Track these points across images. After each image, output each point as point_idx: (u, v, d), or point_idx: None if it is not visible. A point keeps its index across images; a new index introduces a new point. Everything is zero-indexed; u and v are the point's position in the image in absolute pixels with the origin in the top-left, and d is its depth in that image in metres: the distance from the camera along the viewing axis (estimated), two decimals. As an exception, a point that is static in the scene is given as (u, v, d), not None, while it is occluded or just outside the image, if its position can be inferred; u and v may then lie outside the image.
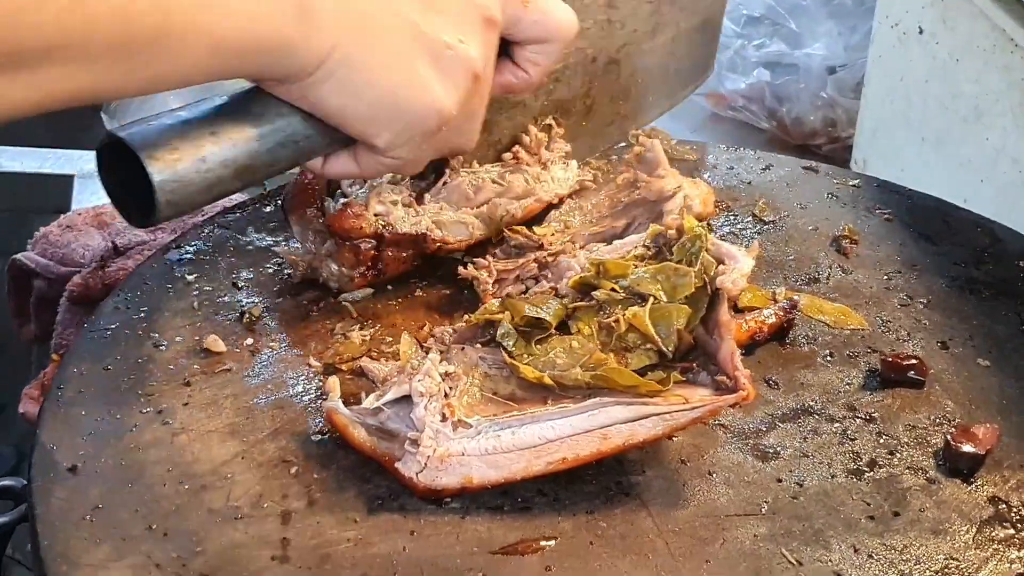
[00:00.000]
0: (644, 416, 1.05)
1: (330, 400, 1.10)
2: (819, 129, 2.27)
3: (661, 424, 1.06)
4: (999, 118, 1.75)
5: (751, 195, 1.59)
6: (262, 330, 1.29)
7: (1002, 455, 1.19)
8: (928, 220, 1.56)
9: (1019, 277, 1.46)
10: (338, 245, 1.31)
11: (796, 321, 1.32)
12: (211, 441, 1.13)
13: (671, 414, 1.05)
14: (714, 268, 1.14)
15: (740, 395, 1.05)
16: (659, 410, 1.05)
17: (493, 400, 1.09)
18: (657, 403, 1.06)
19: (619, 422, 1.05)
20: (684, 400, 1.06)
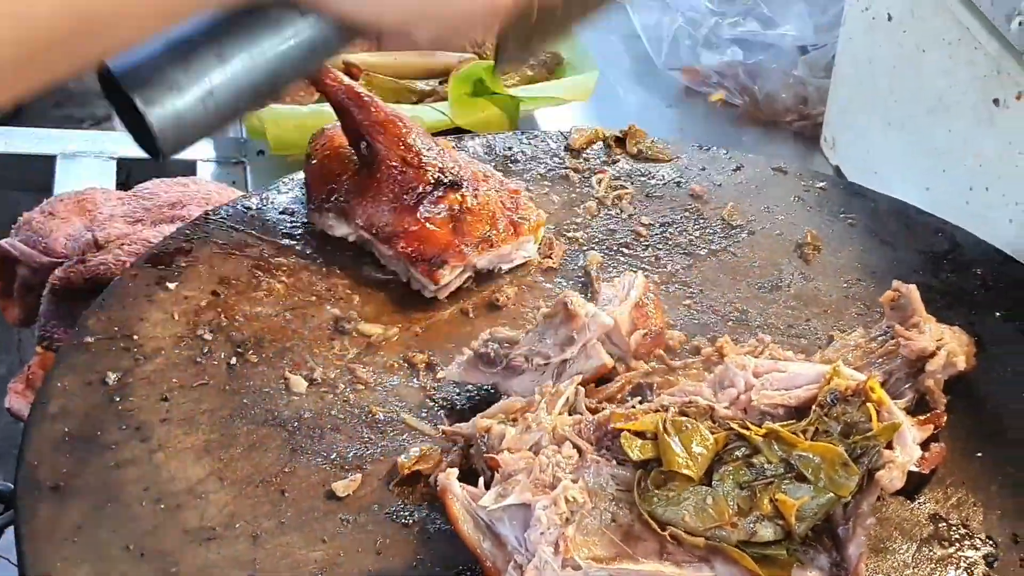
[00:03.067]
0: (751, 604, 1.04)
1: (447, 478, 1.08)
2: (790, 106, 2.29)
3: None
4: (962, 112, 1.77)
5: (721, 198, 1.62)
6: (240, 341, 1.32)
7: (945, 472, 1.24)
8: (890, 225, 1.60)
9: (974, 286, 1.50)
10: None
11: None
12: (187, 459, 1.17)
13: None
14: (878, 456, 1.09)
15: None
16: None
17: (608, 535, 1.05)
18: None
19: None
20: None
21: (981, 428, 1.30)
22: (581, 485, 1.07)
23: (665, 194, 1.63)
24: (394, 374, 1.31)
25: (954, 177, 1.82)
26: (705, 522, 1.06)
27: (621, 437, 1.10)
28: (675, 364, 1.25)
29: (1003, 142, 1.67)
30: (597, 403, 1.20)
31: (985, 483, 1.24)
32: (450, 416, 1.26)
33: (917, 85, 1.91)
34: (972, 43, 1.71)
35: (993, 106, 1.69)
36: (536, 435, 1.12)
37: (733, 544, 1.05)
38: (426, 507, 1.15)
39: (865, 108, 2.09)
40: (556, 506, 1.04)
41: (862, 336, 1.34)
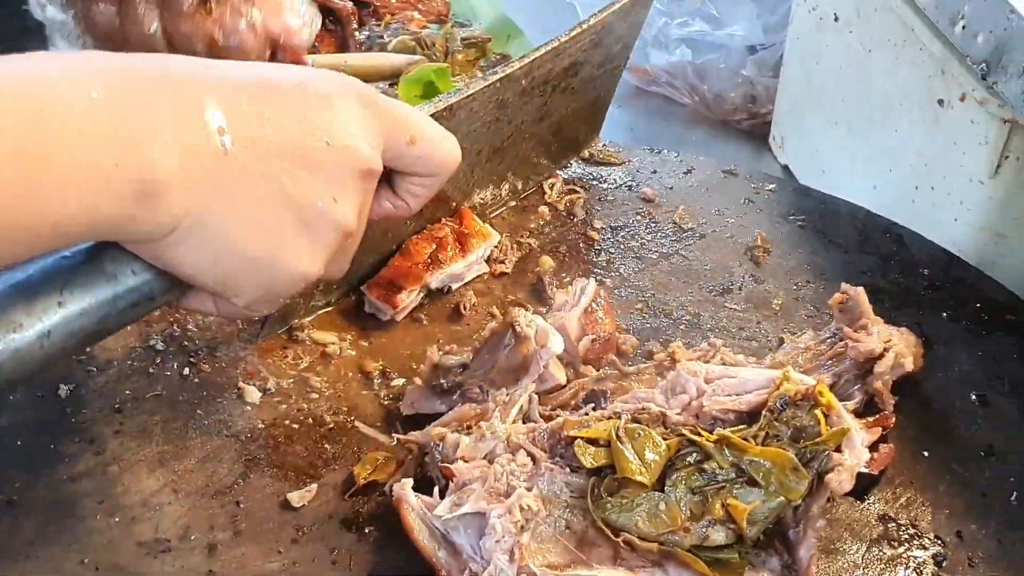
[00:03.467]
0: (706, 607, 1.05)
1: (402, 488, 1.10)
2: (739, 106, 2.31)
3: None
4: (907, 112, 1.80)
5: (672, 201, 1.63)
6: (193, 351, 1.32)
7: (894, 472, 1.25)
8: (838, 226, 1.61)
9: (922, 287, 1.52)
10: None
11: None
12: (141, 471, 1.17)
13: None
14: (827, 460, 1.10)
15: None
16: None
17: (563, 541, 1.06)
18: None
19: None
20: None
21: (928, 428, 1.32)
22: (536, 493, 1.08)
23: (617, 198, 1.63)
24: (348, 383, 1.31)
25: (900, 176, 1.84)
26: (658, 527, 1.07)
27: (575, 445, 1.11)
28: (628, 370, 1.26)
29: (948, 142, 1.69)
30: (550, 411, 1.21)
31: (933, 482, 1.25)
32: (405, 424, 1.26)
33: (863, 85, 1.93)
34: (917, 44, 1.74)
35: (938, 107, 1.71)
36: (490, 444, 1.13)
37: (686, 549, 1.06)
38: (381, 516, 1.15)
39: (813, 108, 2.12)
40: (511, 514, 1.05)
41: (812, 338, 1.36)
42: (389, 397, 1.30)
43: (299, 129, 0.94)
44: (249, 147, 0.91)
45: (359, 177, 0.99)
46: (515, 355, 1.20)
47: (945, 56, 1.65)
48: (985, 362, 1.41)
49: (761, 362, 1.31)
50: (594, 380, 1.25)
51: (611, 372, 1.26)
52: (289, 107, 0.94)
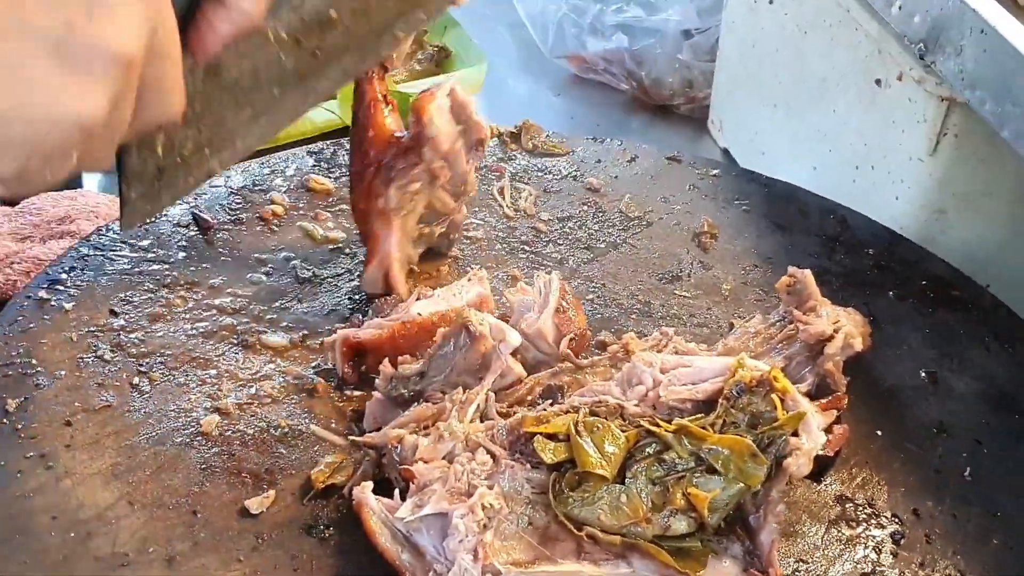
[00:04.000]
0: (670, 597, 1.05)
1: (362, 491, 1.09)
2: (677, 90, 2.31)
3: None
4: (844, 92, 1.81)
5: (618, 190, 1.64)
6: (142, 360, 1.30)
7: (849, 452, 1.27)
8: (783, 209, 1.62)
9: (867, 267, 1.53)
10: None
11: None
12: (95, 484, 1.15)
13: None
14: (784, 444, 1.10)
15: None
16: None
17: (526, 538, 1.06)
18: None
19: None
20: None
21: (880, 407, 1.33)
22: (497, 491, 1.07)
23: (563, 189, 1.63)
24: (301, 386, 1.30)
25: (840, 157, 1.85)
26: (620, 520, 1.07)
27: (534, 441, 1.11)
28: (583, 363, 1.26)
29: (886, 121, 1.71)
30: (507, 407, 1.20)
31: (887, 461, 1.27)
32: (360, 425, 1.25)
33: (800, 67, 1.94)
34: (853, 25, 1.74)
35: (875, 86, 1.72)
36: (449, 444, 1.12)
37: (649, 539, 1.07)
38: (342, 520, 1.14)
39: (750, 90, 2.12)
40: (473, 513, 1.05)
41: (761, 322, 1.37)
42: (343, 399, 1.28)
43: None
44: None
45: None
46: (473, 354, 1.20)
47: (881, 36, 1.66)
48: (933, 339, 1.43)
49: (713, 348, 1.32)
50: (549, 375, 1.25)
51: (566, 366, 1.26)
52: None
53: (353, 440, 1.21)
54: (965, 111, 1.56)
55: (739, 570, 1.08)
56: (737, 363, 1.17)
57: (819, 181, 1.85)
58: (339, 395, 1.29)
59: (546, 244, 1.53)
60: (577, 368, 1.26)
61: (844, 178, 1.83)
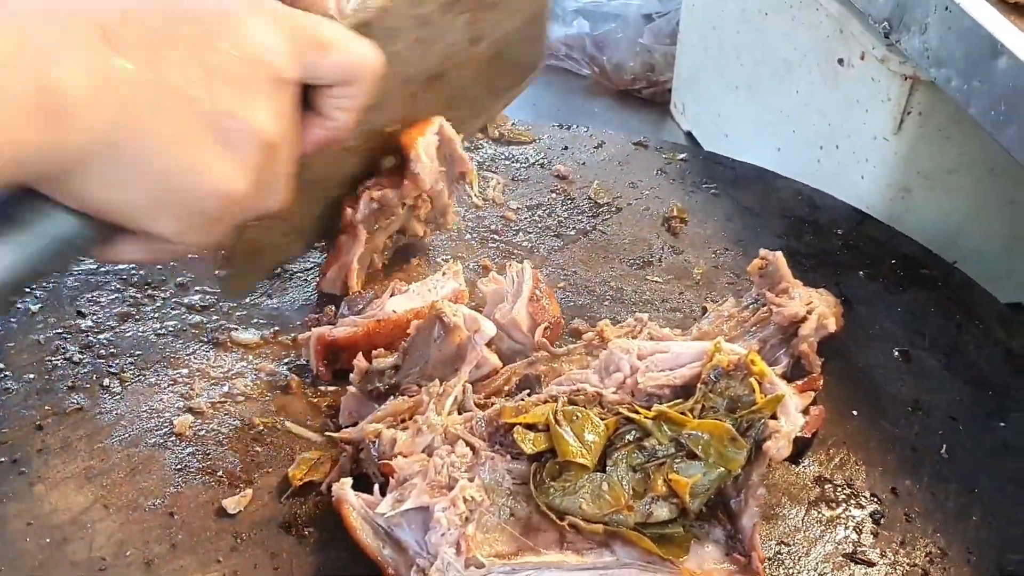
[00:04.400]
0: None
1: (341, 488, 1.07)
2: (639, 74, 2.31)
3: None
4: (807, 73, 1.81)
5: (586, 177, 1.63)
6: (112, 361, 1.28)
7: (826, 433, 1.27)
8: (751, 192, 1.62)
9: (836, 247, 1.53)
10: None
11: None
12: (68, 488, 1.13)
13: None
14: (764, 427, 1.10)
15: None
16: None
17: (508, 529, 1.05)
18: (669, 573, 1.04)
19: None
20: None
21: (855, 387, 1.34)
22: (478, 483, 1.07)
23: (531, 176, 1.63)
24: (274, 383, 1.28)
25: (804, 137, 1.86)
26: (602, 508, 1.07)
27: (514, 431, 1.10)
28: (558, 351, 1.25)
29: (850, 101, 1.71)
30: (484, 399, 1.19)
31: (864, 441, 1.27)
32: (335, 420, 1.24)
33: (762, 48, 1.95)
34: (814, 5, 1.75)
35: (838, 66, 1.72)
36: (428, 437, 1.11)
37: (631, 527, 1.06)
38: (321, 517, 1.13)
39: (712, 73, 2.12)
40: (455, 506, 1.04)
41: (734, 306, 1.37)
42: (317, 394, 1.27)
43: (200, 40, 0.92)
44: (149, 62, 0.88)
45: (271, 85, 0.96)
46: (448, 346, 1.19)
47: (843, 15, 1.66)
48: (904, 318, 1.43)
49: (687, 333, 1.31)
50: (525, 365, 1.24)
51: (541, 355, 1.25)
52: (187, 21, 0.92)
53: (329, 436, 1.20)
54: (929, 89, 1.57)
55: (721, 554, 1.08)
56: (714, 347, 1.17)
57: (783, 162, 1.85)
58: (313, 391, 1.28)
59: (516, 233, 1.53)
60: (553, 357, 1.25)
61: (808, 159, 1.84)
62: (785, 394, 1.14)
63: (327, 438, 1.21)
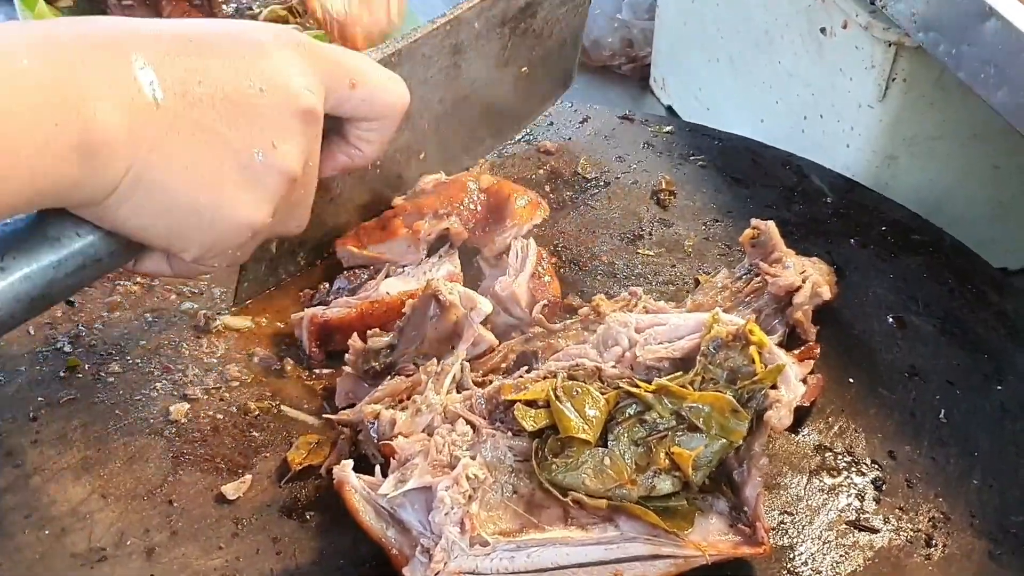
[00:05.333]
0: (659, 557, 1.04)
1: (342, 470, 1.06)
2: (617, 50, 2.30)
3: (674, 567, 1.04)
4: (789, 44, 1.80)
5: (572, 152, 1.62)
6: (103, 350, 1.27)
7: (824, 402, 1.27)
8: (739, 162, 1.62)
9: (826, 215, 1.53)
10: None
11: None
12: (65, 480, 1.12)
13: (686, 559, 1.04)
14: (764, 397, 1.10)
15: (757, 550, 1.05)
16: (675, 553, 1.04)
17: (512, 507, 1.04)
18: (674, 545, 1.04)
19: (634, 558, 1.04)
20: (701, 548, 1.04)
21: (851, 354, 1.33)
22: (480, 461, 1.06)
23: (516, 153, 1.62)
24: (269, 367, 1.27)
25: (788, 108, 1.85)
26: (605, 483, 1.06)
27: (514, 408, 1.09)
28: (554, 327, 1.24)
29: (833, 70, 1.71)
30: (482, 377, 1.19)
31: (863, 408, 1.27)
32: (333, 403, 1.23)
33: (742, 20, 1.93)
34: (794, -26, 1.74)
35: (820, 35, 1.72)
36: (427, 416, 1.10)
37: (634, 501, 1.06)
38: (321, 500, 1.13)
39: (692, 46, 2.11)
40: (458, 485, 1.03)
41: (727, 277, 1.36)
42: (312, 376, 1.26)
43: (231, 76, 0.94)
44: (180, 97, 0.91)
45: (300, 121, 0.99)
46: (444, 324, 1.18)
47: (825, -17, 1.66)
48: (897, 284, 1.43)
49: (681, 306, 1.31)
50: (522, 341, 1.24)
51: (538, 331, 1.24)
52: (218, 56, 0.95)
53: (327, 418, 1.19)
54: (913, 55, 1.56)
55: (726, 526, 1.08)
56: (712, 318, 1.16)
57: (768, 133, 1.84)
58: (308, 374, 1.27)
59: (505, 210, 1.51)
60: (549, 333, 1.24)
61: (793, 129, 1.83)
62: (785, 363, 1.13)
63: (325, 420, 1.20)
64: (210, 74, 0.93)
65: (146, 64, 0.90)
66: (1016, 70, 1.26)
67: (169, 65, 0.91)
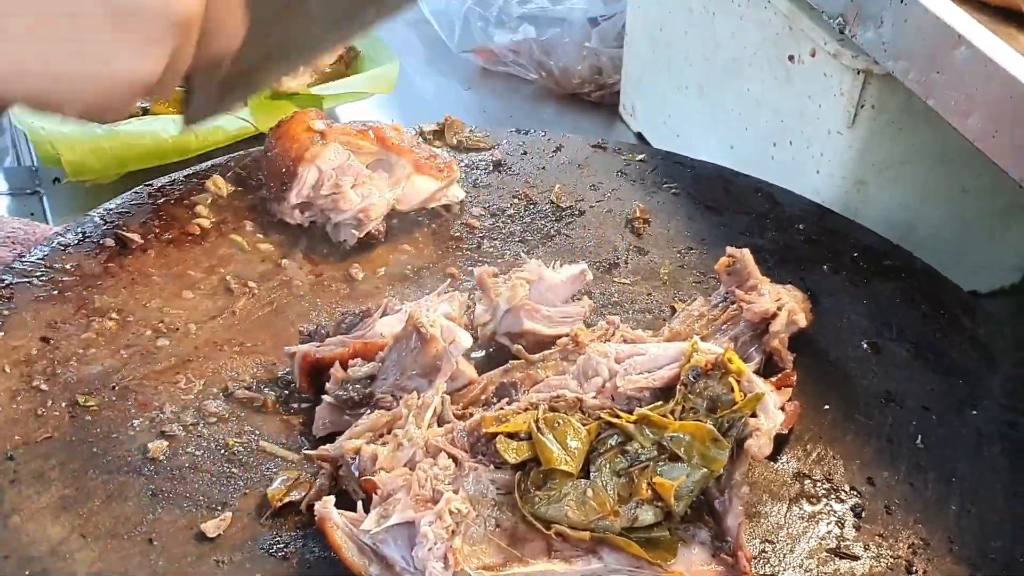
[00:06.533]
0: (642, 588, 1.04)
1: (324, 506, 1.05)
2: (586, 78, 2.30)
3: None
4: (758, 71, 1.82)
5: (547, 181, 1.62)
6: (79, 388, 1.26)
7: (801, 429, 1.27)
8: (711, 190, 1.63)
9: (799, 242, 1.54)
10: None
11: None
12: (44, 519, 1.11)
13: None
14: (744, 425, 1.11)
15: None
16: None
17: (495, 540, 1.04)
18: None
19: None
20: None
21: (827, 381, 1.34)
22: (462, 495, 1.06)
23: (492, 183, 1.62)
24: (246, 403, 1.26)
25: (757, 134, 1.86)
26: (588, 515, 1.06)
27: (496, 441, 1.09)
28: (533, 358, 1.25)
29: (801, 96, 1.72)
30: (462, 409, 1.19)
31: (840, 435, 1.28)
32: (311, 438, 1.22)
33: (710, 48, 1.95)
34: (762, 3, 1.75)
35: (789, 63, 1.73)
36: (409, 451, 1.10)
37: (617, 532, 1.06)
38: (302, 537, 1.12)
39: (661, 74, 2.12)
40: (441, 519, 1.03)
41: (703, 304, 1.37)
42: (291, 412, 1.26)
43: None
44: None
45: None
46: (424, 356, 1.18)
47: (792, 12, 1.67)
48: (870, 309, 1.44)
49: (658, 334, 1.31)
50: (501, 373, 1.24)
51: (517, 362, 1.24)
52: None
53: (307, 454, 1.18)
54: (882, 82, 1.58)
55: (708, 556, 1.08)
56: (691, 347, 1.17)
57: (738, 159, 1.85)
58: (286, 409, 1.26)
59: (481, 240, 1.52)
60: (529, 363, 1.24)
61: (763, 155, 1.84)
62: (764, 392, 1.14)
63: (305, 456, 1.19)
64: None
65: None
66: (986, 97, 1.27)
67: None
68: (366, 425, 1.16)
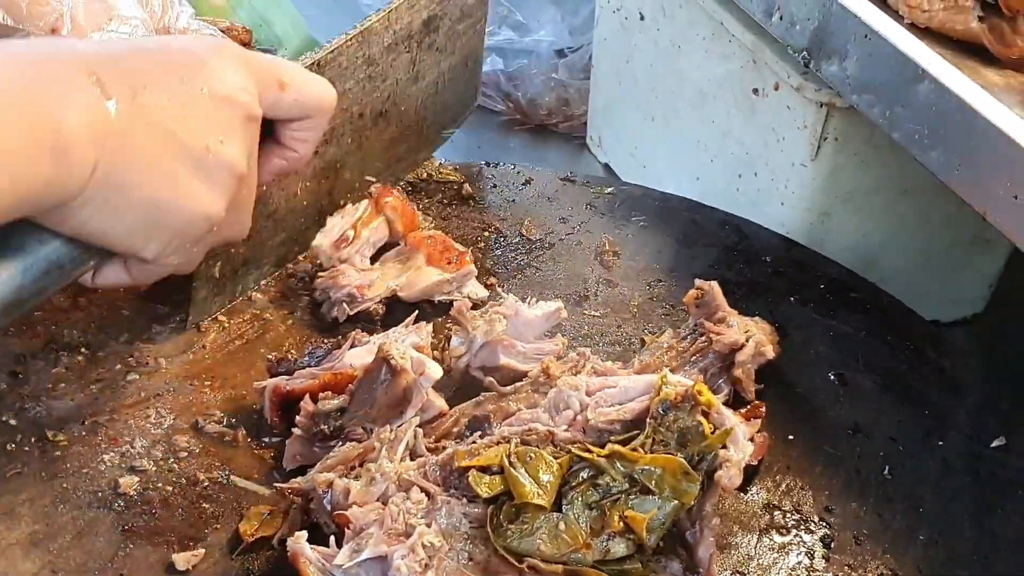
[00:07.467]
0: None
1: (296, 541, 1.06)
2: (554, 109, 2.33)
3: None
4: (722, 103, 1.84)
5: (516, 214, 1.63)
6: (48, 423, 1.25)
7: (771, 460, 1.28)
8: (679, 223, 1.64)
9: (766, 274, 1.55)
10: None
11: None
12: (15, 555, 1.10)
13: None
14: (715, 457, 1.11)
15: None
16: None
17: (468, 573, 1.04)
18: None
19: None
20: None
21: (795, 412, 1.35)
22: (435, 529, 1.06)
23: (461, 216, 1.62)
24: (217, 437, 1.26)
25: (722, 166, 1.88)
26: (560, 548, 1.06)
27: (468, 475, 1.10)
28: (505, 390, 1.25)
29: (766, 129, 1.74)
30: (434, 442, 1.19)
31: (808, 466, 1.29)
32: (283, 472, 1.22)
33: (676, 80, 1.97)
34: (726, 36, 1.77)
35: (753, 95, 1.75)
36: (382, 485, 1.10)
37: (590, 565, 1.06)
38: (274, 572, 1.12)
39: (627, 105, 2.14)
40: (413, 553, 1.03)
41: (673, 337, 1.38)
42: (262, 445, 1.26)
43: (173, 82, 1.03)
44: (130, 101, 0.99)
45: (241, 121, 1.08)
46: (394, 388, 1.18)
47: (756, 46, 1.69)
48: (837, 341, 1.45)
49: (628, 365, 1.32)
50: (473, 405, 1.24)
51: (489, 395, 1.25)
52: (163, 65, 1.04)
53: (279, 488, 1.18)
54: (845, 115, 1.60)
55: None
56: (661, 380, 1.17)
57: (704, 191, 1.87)
58: (257, 443, 1.26)
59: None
60: (501, 396, 1.25)
61: (728, 186, 1.86)
62: (734, 427, 1.15)
63: (276, 490, 1.19)
64: (153, 80, 1.02)
65: (97, 75, 0.97)
66: (949, 131, 1.29)
67: (121, 73, 1.00)
68: (337, 458, 1.16)
